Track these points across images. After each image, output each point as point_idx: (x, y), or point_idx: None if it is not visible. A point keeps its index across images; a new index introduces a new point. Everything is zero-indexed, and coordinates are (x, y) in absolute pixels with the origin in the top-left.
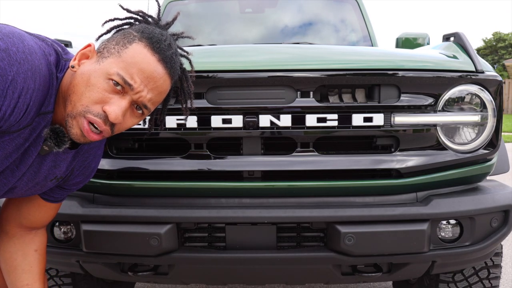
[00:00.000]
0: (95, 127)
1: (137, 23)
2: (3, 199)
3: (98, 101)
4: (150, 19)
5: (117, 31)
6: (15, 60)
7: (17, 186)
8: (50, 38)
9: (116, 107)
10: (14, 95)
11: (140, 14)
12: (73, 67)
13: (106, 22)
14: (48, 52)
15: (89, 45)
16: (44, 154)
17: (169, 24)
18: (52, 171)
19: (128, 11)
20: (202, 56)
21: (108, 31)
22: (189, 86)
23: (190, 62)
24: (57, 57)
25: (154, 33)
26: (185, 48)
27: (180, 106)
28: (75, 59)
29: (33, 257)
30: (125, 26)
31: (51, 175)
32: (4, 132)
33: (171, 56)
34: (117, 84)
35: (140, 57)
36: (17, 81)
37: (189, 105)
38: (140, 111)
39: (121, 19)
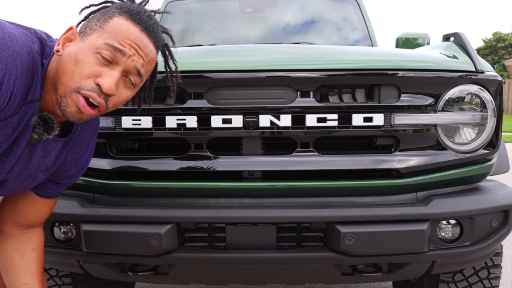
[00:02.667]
0: (90, 103)
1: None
2: None
3: (90, 75)
4: (125, 0)
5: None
6: None
7: (8, 179)
8: (34, 28)
9: (109, 78)
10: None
11: None
12: (58, 51)
13: (82, 9)
14: (30, 40)
15: (70, 28)
16: (34, 143)
17: (145, 1)
18: (43, 161)
19: None
20: (202, 56)
21: (85, 18)
22: (174, 61)
23: (171, 37)
24: (41, 45)
25: (133, 7)
26: (184, 48)
27: (179, 106)
28: (58, 43)
29: (30, 256)
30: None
31: (42, 166)
32: None
33: (152, 26)
34: (106, 57)
35: (123, 27)
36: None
37: (175, 81)
38: (132, 83)
39: (96, 5)
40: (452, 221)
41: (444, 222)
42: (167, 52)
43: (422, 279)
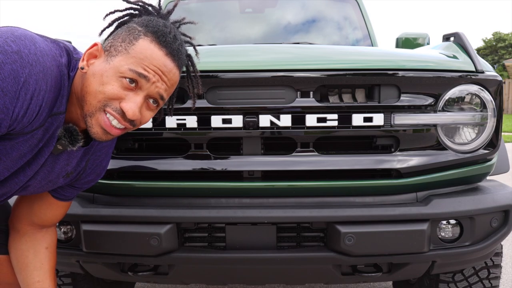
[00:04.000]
0: (112, 124)
1: (137, 12)
2: (14, 198)
3: (114, 97)
4: (150, 9)
5: (119, 24)
6: (27, 62)
7: (30, 185)
8: (61, 40)
9: (133, 104)
10: (26, 97)
11: (140, 4)
12: (82, 68)
13: (107, 15)
14: (59, 54)
15: (95, 45)
16: (58, 154)
17: (170, 13)
18: (64, 168)
19: (128, 1)
20: (202, 56)
21: (110, 24)
22: (196, 71)
23: (194, 48)
24: (68, 58)
25: (158, 26)
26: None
27: (179, 106)
28: (83, 59)
29: (44, 254)
30: (125, 18)
31: (63, 172)
32: (18, 133)
33: (177, 48)
34: (131, 81)
35: (148, 53)
36: (29, 83)
37: (196, 91)
38: (155, 104)
39: (121, 11)
40: (452, 221)
41: (444, 222)
42: (189, 63)
43: (422, 279)
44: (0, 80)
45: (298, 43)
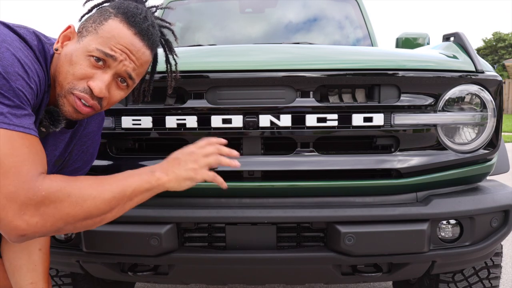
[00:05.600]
0: (83, 102)
1: None
2: None
3: (82, 77)
4: None
5: (97, 8)
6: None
7: None
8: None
9: (99, 82)
10: (32, 73)
11: None
12: (57, 49)
13: (86, 1)
14: (27, 37)
15: (69, 27)
16: (43, 137)
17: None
18: (53, 153)
19: None
20: (202, 56)
21: (89, 11)
22: (174, 56)
23: (173, 33)
24: (39, 42)
25: (129, 7)
26: (184, 48)
27: (179, 106)
28: (58, 42)
29: (37, 256)
30: (105, 4)
31: (52, 159)
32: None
33: (147, 28)
34: (98, 59)
35: (116, 32)
36: (27, 63)
37: (174, 76)
38: (124, 83)
39: None
40: (452, 221)
41: (444, 222)
42: (167, 49)
43: (422, 279)
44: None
45: (298, 43)
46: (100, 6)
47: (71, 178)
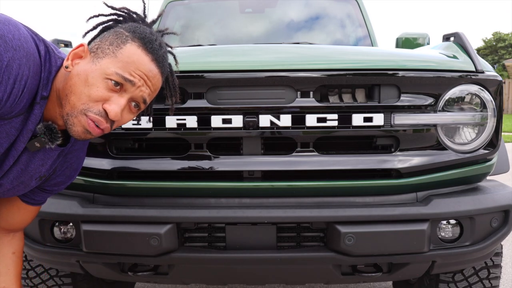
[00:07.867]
0: (96, 124)
1: (121, 18)
2: None
3: (98, 99)
4: (135, 16)
5: (104, 28)
6: (10, 47)
7: (2, 184)
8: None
9: (115, 106)
10: (9, 81)
11: (124, 10)
12: (67, 67)
13: (90, 18)
14: (38, 43)
15: (81, 45)
16: (34, 151)
17: (154, 22)
18: (39, 169)
19: (113, 8)
20: (202, 56)
21: (94, 28)
22: (174, 81)
23: (174, 57)
24: (46, 51)
25: (145, 33)
26: (184, 48)
27: (179, 106)
28: (68, 58)
29: (10, 259)
30: (110, 23)
31: (36, 174)
32: None
33: (162, 56)
34: (116, 84)
35: (135, 57)
36: (12, 67)
37: (174, 100)
38: (136, 108)
39: (105, 15)
40: (452, 221)
41: (444, 222)
42: (169, 73)
43: (422, 279)
44: None
45: (298, 43)
46: (106, 25)
47: None
